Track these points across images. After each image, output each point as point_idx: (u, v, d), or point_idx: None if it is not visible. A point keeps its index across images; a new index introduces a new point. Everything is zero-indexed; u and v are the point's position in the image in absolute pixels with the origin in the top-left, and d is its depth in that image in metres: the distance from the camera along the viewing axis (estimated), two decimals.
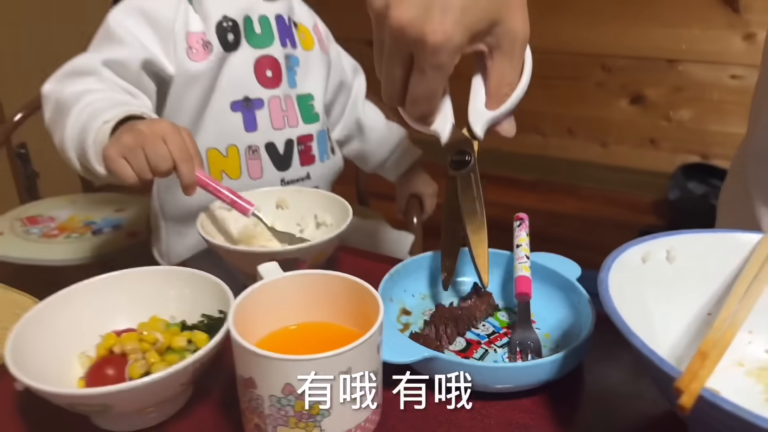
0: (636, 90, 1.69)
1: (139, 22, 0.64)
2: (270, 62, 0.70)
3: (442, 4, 0.39)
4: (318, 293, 0.38)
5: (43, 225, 1.04)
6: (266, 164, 0.70)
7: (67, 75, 0.62)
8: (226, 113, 0.68)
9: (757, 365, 0.38)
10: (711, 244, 0.40)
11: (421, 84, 0.41)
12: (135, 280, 0.42)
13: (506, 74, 0.43)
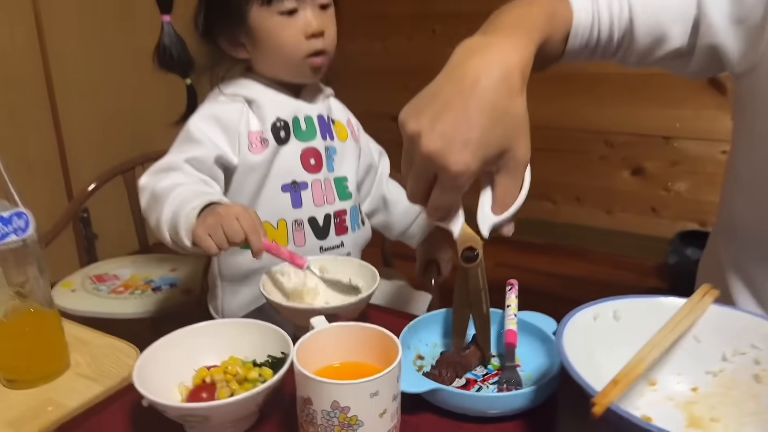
0: (636, 163, 1.84)
1: (212, 126, 0.81)
2: (313, 152, 0.86)
3: (464, 139, 0.48)
4: (354, 340, 0.51)
5: (110, 283, 1.21)
6: (308, 234, 0.85)
7: (158, 171, 0.78)
8: (278, 194, 0.84)
9: (684, 400, 0.50)
10: (647, 306, 0.53)
11: (442, 198, 0.51)
12: (218, 329, 0.56)
13: (509, 189, 0.53)
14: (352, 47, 2.17)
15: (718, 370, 0.51)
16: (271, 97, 0.84)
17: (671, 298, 0.54)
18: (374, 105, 2.10)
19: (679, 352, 0.52)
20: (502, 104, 0.49)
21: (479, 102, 0.49)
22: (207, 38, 0.85)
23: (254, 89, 0.84)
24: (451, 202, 0.52)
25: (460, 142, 0.48)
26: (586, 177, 1.93)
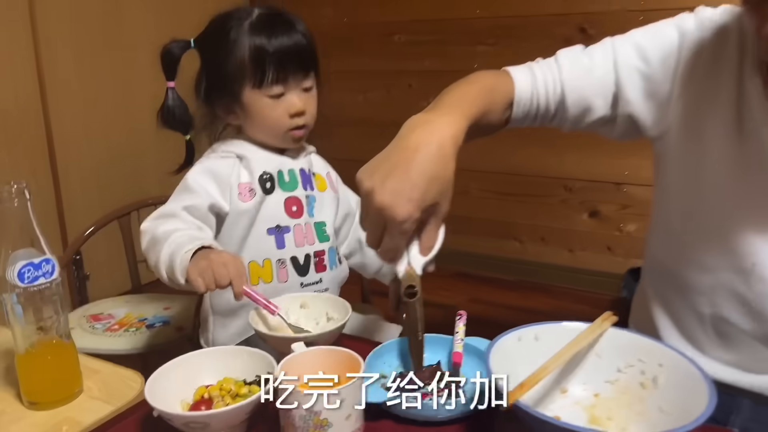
0: (592, 206, 2.02)
1: (207, 178, 0.93)
2: (295, 201, 0.98)
3: (408, 195, 0.61)
4: (326, 360, 0.63)
5: (105, 321, 1.30)
6: (290, 272, 0.96)
7: (158, 217, 0.91)
8: (264, 236, 0.95)
9: (588, 403, 0.63)
10: (561, 330, 0.66)
11: (391, 242, 0.63)
12: (214, 354, 0.68)
13: (433, 235, 0.67)
14: (336, 99, 2.35)
15: (614, 379, 0.64)
16: (259, 154, 0.97)
17: (579, 323, 0.67)
18: (355, 152, 2.24)
19: (585, 365, 0.65)
20: (436, 169, 0.63)
21: (419, 167, 0.62)
22: (205, 103, 0.98)
23: (244, 147, 0.97)
24: (398, 246, 0.64)
25: (405, 198, 0.61)
26: (549, 219, 2.09)
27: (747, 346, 0.81)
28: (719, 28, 0.78)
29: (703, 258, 0.81)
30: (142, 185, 1.97)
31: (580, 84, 0.83)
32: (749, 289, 0.78)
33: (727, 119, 0.78)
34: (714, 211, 0.81)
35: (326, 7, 2.34)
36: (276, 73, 0.92)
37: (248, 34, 0.92)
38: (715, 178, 0.80)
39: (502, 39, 2.05)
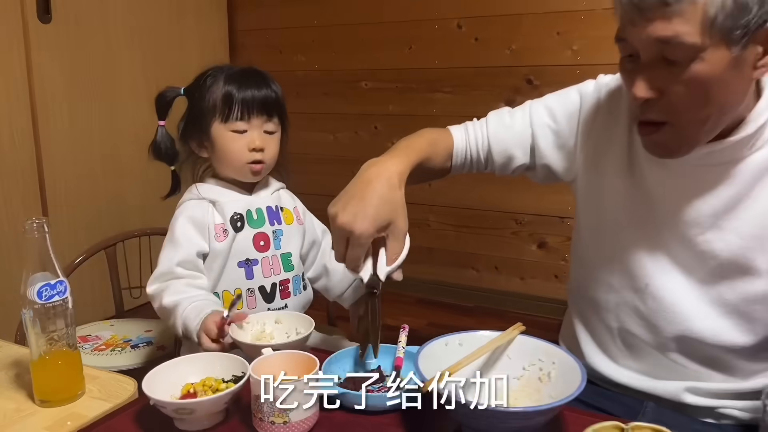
0: (540, 238, 2.18)
1: (189, 227, 1.06)
2: (263, 236, 1.10)
3: (362, 215, 0.76)
4: (289, 361, 0.78)
5: (93, 342, 1.42)
6: (259, 299, 1.09)
7: (158, 279, 1.04)
8: (235, 269, 1.08)
9: None
10: (480, 337, 0.82)
11: (352, 254, 0.78)
12: (198, 358, 0.82)
13: (395, 248, 0.80)
14: (308, 138, 2.51)
15: (520, 376, 0.80)
16: (229, 197, 1.10)
17: (495, 332, 0.83)
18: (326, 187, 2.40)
19: (499, 365, 0.81)
20: (386, 194, 0.79)
21: (372, 193, 0.79)
22: (182, 139, 1.13)
23: (217, 191, 1.10)
24: (359, 256, 0.79)
25: (361, 216, 0.76)
26: (502, 250, 2.25)
27: (648, 355, 0.93)
28: (614, 90, 0.94)
29: (608, 279, 0.94)
30: (125, 218, 2.10)
31: (503, 138, 1.01)
32: (645, 306, 0.91)
33: (620, 162, 0.91)
34: (614, 238, 0.94)
35: (299, 55, 2.52)
36: (241, 111, 1.06)
37: (223, 83, 1.07)
38: (613, 211, 0.93)
39: (457, 87, 2.24)
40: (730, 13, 0.69)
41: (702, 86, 0.73)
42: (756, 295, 0.85)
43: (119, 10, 2.17)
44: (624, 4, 0.74)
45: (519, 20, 2.10)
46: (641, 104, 0.77)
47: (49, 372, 0.83)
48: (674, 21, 0.70)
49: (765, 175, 0.82)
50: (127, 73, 2.21)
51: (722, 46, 0.71)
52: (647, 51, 0.75)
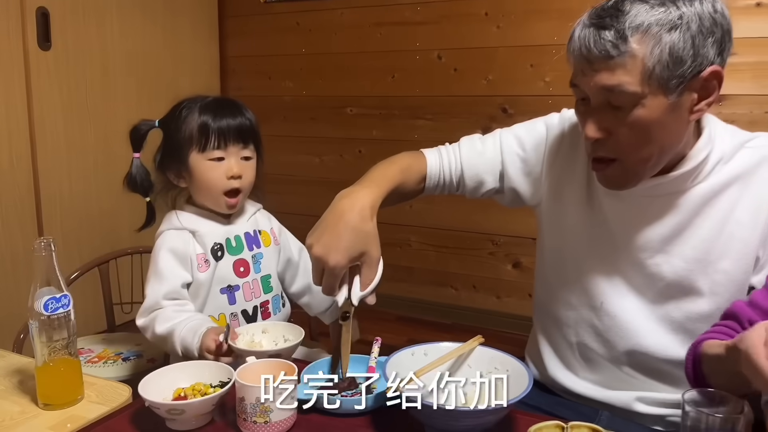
0: (515, 258, 2.27)
1: (172, 259, 1.09)
2: (242, 262, 1.14)
3: (336, 247, 0.81)
4: (271, 369, 0.87)
5: (86, 355, 1.48)
6: (242, 321, 1.13)
7: (147, 312, 1.08)
8: (218, 296, 1.12)
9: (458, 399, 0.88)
10: (444, 347, 0.91)
11: (327, 282, 0.84)
12: (188, 366, 0.91)
13: (369, 274, 0.85)
14: (295, 160, 2.61)
15: (479, 382, 0.89)
16: (208, 227, 1.13)
17: (457, 343, 0.93)
18: (311, 208, 2.51)
19: (459, 373, 0.90)
20: (358, 226, 0.84)
21: (344, 226, 0.83)
22: (160, 171, 1.16)
23: (195, 221, 1.12)
24: (333, 285, 0.84)
25: (334, 249, 0.81)
26: (479, 269, 2.33)
27: (604, 368, 1.00)
28: (575, 124, 1.00)
29: (567, 298, 1.02)
30: (116, 236, 2.17)
31: (474, 163, 1.07)
32: (600, 322, 0.98)
33: (580, 192, 0.99)
34: (574, 261, 1.01)
35: (288, 81, 2.63)
36: (217, 140, 1.08)
37: (198, 113, 1.10)
38: (574, 236, 1.00)
39: (437, 114, 2.35)
40: (666, 65, 0.78)
41: (643, 128, 0.82)
42: (699, 314, 0.93)
43: (116, 37, 2.27)
44: (575, 56, 0.84)
45: (495, 52, 2.23)
46: (593, 143, 0.87)
47: (52, 377, 0.91)
48: (617, 72, 0.79)
49: (706, 206, 0.91)
50: (122, 97, 2.30)
51: (660, 93, 0.80)
52: (596, 97, 0.84)
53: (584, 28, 0.81)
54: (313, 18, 2.53)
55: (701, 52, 0.79)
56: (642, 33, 0.78)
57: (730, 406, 0.70)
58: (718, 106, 1.94)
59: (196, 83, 2.61)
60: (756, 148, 0.91)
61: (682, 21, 0.78)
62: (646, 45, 0.78)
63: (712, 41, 0.79)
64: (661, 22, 0.77)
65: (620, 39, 0.78)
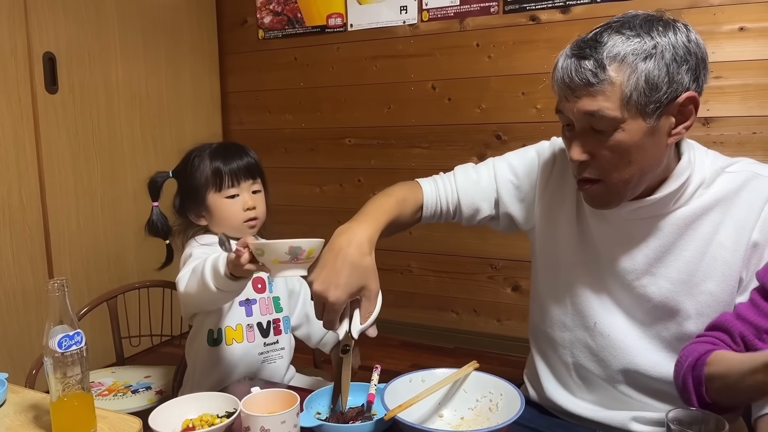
0: (514, 282, 2.30)
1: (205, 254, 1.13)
2: (260, 280, 1.24)
3: (335, 283, 0.83)
4: (273, 398, 0.91)
5: (96, 388, 1.51)
6: (257, 334, 1.21)
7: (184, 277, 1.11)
8: (237, 307, 1.20)
9: (456, 423, 0.91)
10: (440, 374, 0.95)
11: (327, 317, 0.86)
12: (196, 398, 0.95)
13: (368, 308, 0.87)
14: (297, 191, 2.66)
15: (474, 407, 0.93)
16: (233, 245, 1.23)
17: (453, 369, 0.97)
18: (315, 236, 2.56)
19: (456, 398, 0.94)
20: (356, 262, 0.86)
21: (343, 261, 0.86)
22: (180, 214, 1.26)
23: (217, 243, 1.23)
24: (333, 320, 0.87)
25: (334, 285, 0.84)
26: (479, 293, 2.36)
27: (600, 388, 1.03)
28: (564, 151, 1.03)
29: (562, 319, 1.05)
30: (124, 272, 2.22)
31: (470, 192, 1.11)
32: (594, 342, 1.01)
33: (570, 214, 1.02)
34: (566, 283, 1.04)
35: (287, 115, 2.71)
36: (230, 179, 1.20)
37: (209, 159, 1.21)
38: (566, 258, 1.03)
39: (433, 143, 2.40)
40: (643, 92, 0.83)
41: (624, 151, 0.86)
42: (688, 335, 0.96)
43: (120, 78, 2.35)
44: (558, 85, 0.90)
45: (487, 82, 2.30)
46: (578, 165, 0.91)
47: (66, 412, 0.94)
48: (598, 98, 0.84)
49: (689, 229, 0.95)
50: (128, 135, 2.38)
51: (639, 118, 0.84)
52: (579, 122, 0.89)
53: (566, 59, 0.87)
54: (310, 53, 2.61)
55: (676, 78, 0.83)
56: (619, 62, 0.83)
57: (711, 424, 0.74)
58: (706, 128, 2.00)
59: (199, 119, 2.69)
60: (736, 173, 0.94)
61: (657, 50, 0.82)
62: (623, 73, 0.82)
63: (686, 69, 0.84)
64: (637, 51, 0.82)
65: (599, 68, 0.83)
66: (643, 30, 0.84)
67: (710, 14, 1.95)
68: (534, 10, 2.19)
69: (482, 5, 2.27)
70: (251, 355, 1.24)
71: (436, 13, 2.35)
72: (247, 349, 1.22)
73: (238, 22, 2.76)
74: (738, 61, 1.95)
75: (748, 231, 0.92)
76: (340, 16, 2.53)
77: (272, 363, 1.27)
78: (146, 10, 2.43)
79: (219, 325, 1.22)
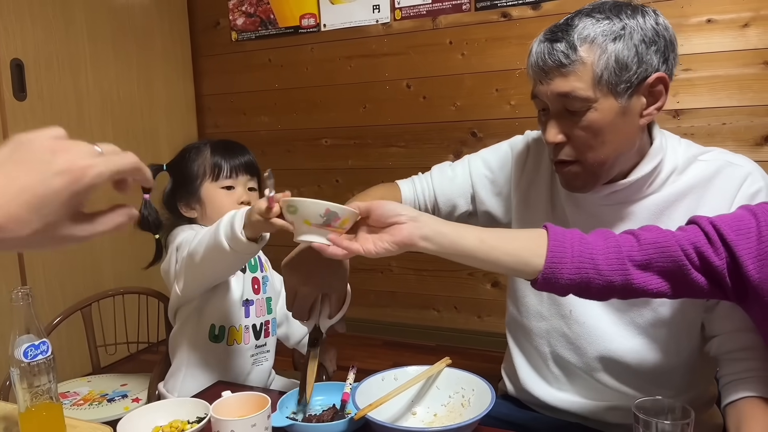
0: (494, 278, 2.32)
1: None
2: (257, 280, 1.24)
3: (308, 274, 0.87)
4: (247, 404, 0.90)
5: (72, 398, 1.49)
6: (251, 335, 1.21)
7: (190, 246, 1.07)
8: (239, 306, 1.20)
9: (429, 420, 0.91)
10: (413, 371, 0.95)
11: (298, 306, 0.89)
12: (166, 404, 0.94)
13: (336, 304, 0.91)
14: None
15: (447, 403, 0.93)
16: None
17: (426, 366, 0.97)
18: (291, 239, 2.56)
19: (429, 395, 0.94)
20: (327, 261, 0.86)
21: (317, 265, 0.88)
22: (168, 207, 1.24)
23: None
24: (305, 308, 0.90)
25: (306, 275, 0.88)
26: (460, 290, 2.38)
27: (577, 377, 1.04)
28: (538, 139, 1.09)
29: (538, 309, 1.07)
30: (99, 279, 2.20)
31: (446, 189, 1.13)
32: (571, 330, 1.02)
33: (546, 202, 1.05)
34: None
35: (263, 116, 2.70)
36: (229, 171, 1.21)
37: (210, 152, 1.24)
38: None
39: (410, 141, 2.42)
40: (613, 71, 0.86)
41: (598, 130, 0.89)
42: (660, 321, 0.98)
43: (91, 83, 2.32)
44: (533, 69, 0.92)
45: (461, 79, 2.31)
46: (554, 147, 0.93)
47: (35, 423, 0.93)
48: (570, 78, 0.87)
49: (662, 215, 0.96)
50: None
51: (610, 97, 0.87)
52: (553, 104, 0.91)
53: (540, 44, 0.90)
54: (285, 54, 2.60)
55: (645, 59, 0.87)
56: (589, 43, 0.86)
57: (677, 412, 0.75)
58: (677, 120, 2.03)
59: (173, 124, 2.66)
60: (709, 161, 0.96)
61: (625, 31, 0.86)
62: (594, 53, 0.86)
63: (655, 49, 0.87)
64: (606, 32, 0.86)
65: (570, 49, 0.86)
66: (612, 13, 0.87)
67: (678, 7, 1.98)
68: (505, 7, 2.20)
69: (454, 3, 2.28)
70: (244, 357, 1.24)
71: (408, 12, 2.36)
72: (242, 351, 1.23)
73: (210, 24, 2.74)
74: (706, 53, 1.98)
75: None
76: (313, 16, 2.53)
77: (260, 365, 1.27)
78: (116, 14, 2.40)
79: (223, 322, 1.21)
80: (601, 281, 0.79)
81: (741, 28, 1.92)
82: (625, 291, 0.81)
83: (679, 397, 1.00)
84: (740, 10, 1.91)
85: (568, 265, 0.79)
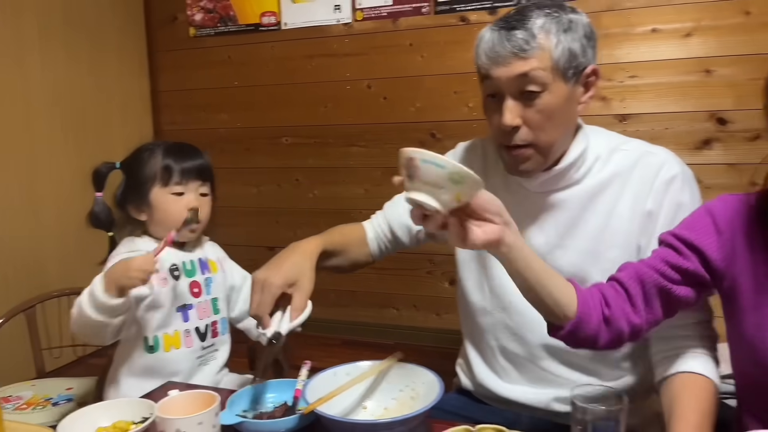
0: (452, 276, 2.34)
1: None
2: (196, 284, 1.25)
3: (276, 270, 0.91)
4: (195, 402, 0.89)
5: (14, 402, 1.44)
6: (195, 338, 1.23)
7: None
8: (175, 313, 1.21)
9: (379, 414, 0.92)
10: (363, 366, 0.96)
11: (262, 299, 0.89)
12: (111, 404, 0.92)
13: (299, 303, 0.92)
14: (233, 192, 2.61)
15: (397, 397, 0.94)
16: (164, 252, 1.17)
17: (374, 361, 0.97)
18: (251, 238, 2.54)
19: (379, 390, 0.95)
20: (298, 260, 0.95)
21: (287, 258, 0.95)
22: (120, 206, 1.26)
23: (152, 245, 1.20)
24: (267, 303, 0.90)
25: (275, 271, 0.92)
26: (419, 289, 2.39)
27: (524, 368, 1.08)
28: (468, 146, 1.17)
29: (482, 304, 1.11)
30: (45, 280, 2.12)
31: (397, 215, 1.18)
32: (512, 321, 1.07)
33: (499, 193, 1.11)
34: (481, 266, 1.11)
35: (222, 114, 2.65)
36: (180, 176, 1.20)
37: (162, 155, 1.22)
38: None
39: (370, 141, 2.42)
40: (567, 58, 0.94)
41: (551, 113, 0.95)
42: None
43: (39, 79, 2.22)
44: (487, 54, 0.95)
45: (421, 81, 2.33)
46: (509, 132, 0.97)
47: None
48: (530, 61, 0.93)
49: (591, 202, 1.03)
50: (47, 138, 2.26)
51: (562, 81, 0.95)
52: (510, 87, 0.95)
53: (494, 32, 0.96)
54: (244, 51, 2.57)
55: (587, 51, 0.96)
56: (546, 32, 0.93)
57: (612, 399, 0.78)
58: (623, 125, 2.10)
59: (128, 120, 2.60)
60: (630, 151, 1.03)
61: (572, 24, 0.95)
62: (551, 41, 0.93)
63: (591, 44, 0.97)
64: (558, 24, 0.94)
65: (530, 36, 0.93)
66: (558, 9, 0.96)
67: (624, 17, 2.05)
68: (464, 11, 2.23)
69: (414, 6, 2.30)
70: (190, 360, 1.24)
71: (369, 13, 2.37)
72: (186, 355, 1.22)
73: (167, 19, 2.69)
74: (651, 60, 2.05)
75: (642, 202, 1.00)
76: (273, 14, 2.51)
77: (206, 365, 1.27)
78: (67, 8, 2.32)
79: (155, 332, 1.21)
80: None
81: (684, 37, 2.00)
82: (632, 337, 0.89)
83: (621, 382, 1.05)
84: (683, 20, 1.99)
85: None
